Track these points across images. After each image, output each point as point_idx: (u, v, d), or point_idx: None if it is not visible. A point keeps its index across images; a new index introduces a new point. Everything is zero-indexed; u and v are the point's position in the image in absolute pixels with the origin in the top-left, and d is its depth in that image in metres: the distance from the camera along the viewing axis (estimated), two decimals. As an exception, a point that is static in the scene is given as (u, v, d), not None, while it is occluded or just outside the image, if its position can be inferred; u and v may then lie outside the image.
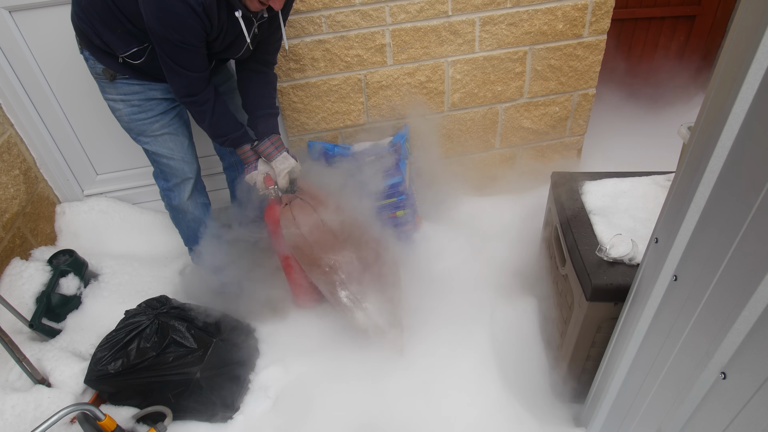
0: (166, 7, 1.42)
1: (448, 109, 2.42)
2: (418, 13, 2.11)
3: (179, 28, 1.47)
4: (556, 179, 1.85)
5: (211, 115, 1.73)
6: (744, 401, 0.82)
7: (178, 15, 1.43)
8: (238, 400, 1.77)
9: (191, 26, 1.47)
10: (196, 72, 1.61)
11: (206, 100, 1.69)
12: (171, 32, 1.47)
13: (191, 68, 1.59)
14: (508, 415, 1.67)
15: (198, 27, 1.48)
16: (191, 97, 1.67)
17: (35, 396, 1.57)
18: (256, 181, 1.88)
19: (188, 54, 1.55)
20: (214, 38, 1.58)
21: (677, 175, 1.04)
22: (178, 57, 1.55)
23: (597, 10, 2.25)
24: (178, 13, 1.43)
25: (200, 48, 1.56)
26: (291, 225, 1.79)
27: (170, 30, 1.47)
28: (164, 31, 1.47)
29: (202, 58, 1.60)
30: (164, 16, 1.44)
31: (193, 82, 1.63)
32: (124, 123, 1.82)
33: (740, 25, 0.81)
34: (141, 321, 1.67)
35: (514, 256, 2.31)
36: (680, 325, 1.03)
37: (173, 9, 1.42)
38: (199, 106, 1.70)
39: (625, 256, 1.41)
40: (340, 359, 1.87)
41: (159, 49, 1.54)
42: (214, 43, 1.60)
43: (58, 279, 1.95)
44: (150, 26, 1.49)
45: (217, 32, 1.55)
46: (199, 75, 1.63)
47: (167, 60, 1.56)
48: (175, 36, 1.48)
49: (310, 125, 2.36)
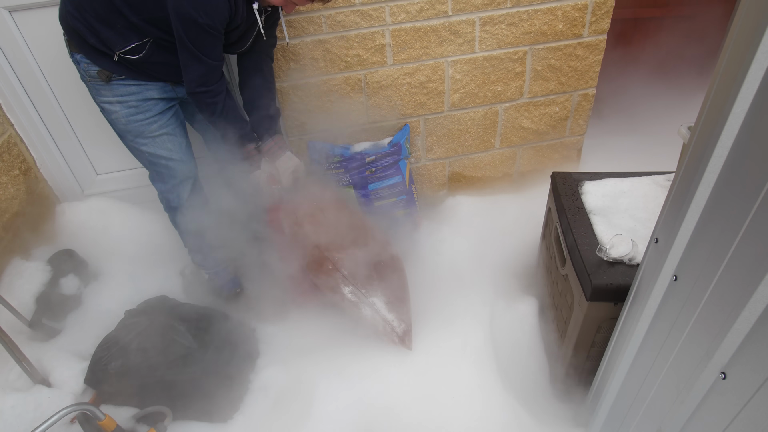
0: None
1: (448, 109, 2.42)
2: (418, 13, 2.11)
3: (211, 11, 1.47)
4: (556, 179, 1.85)
5: (222, 108, 1.73)
6: (744, 401, 0.82)
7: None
8: (238, 400, 1.77)
9: (222, 11, 1.48)
10: (215, 60, 1.62)
11: (220, 92, 1.69)
12: (201, 15, 1.47)
13: (212, 56, 1.59)
14: (508, 415, 1.67)
15: (226, 13, 1.50)
16: (206, 87, 1.66)
17: (35, 396, 1.57)
18: (259, 180, 1.88)
19: (212, 40, 1.56)
20: (234, 28, 1.59)
21: (677, 175, 1.04)
22: (203, 42, 1.55)
23: (597, 10, 2.25)
24: None
25: (221, 36, 1.57)
26: (294, 223, 1.80)
27: (201, 13, 1.47)
28: (194, 14, 1.47)
29: (221, 48, 1.61)
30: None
31: (210, 70, 1.63)
32: (121, 125, 1.78)
33: (740, 25, 0.81)
34: (141, 321, 1.67)
35: (514, 256, 2.31)
36: (680, 325, 1.03)
37: None
38: (212, 97, 1.69)
39: (625, 256, 1.41)
40: (340, 359, 1.87)
41: (184, 34, 1.53)
42: (232, 33, 1.61)
43: (58, 279, 1.95)
44: (179, 9, 1.47)
45: (239, 21, 1.57)
46: (217, 64, 1.63)
47: (189, 46, 1.55)
48: (205, 19, 1.48)
49: (310, 125, 2.36)
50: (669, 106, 3.15)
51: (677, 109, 3.11)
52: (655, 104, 3.21)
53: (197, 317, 1.78)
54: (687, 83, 3.16)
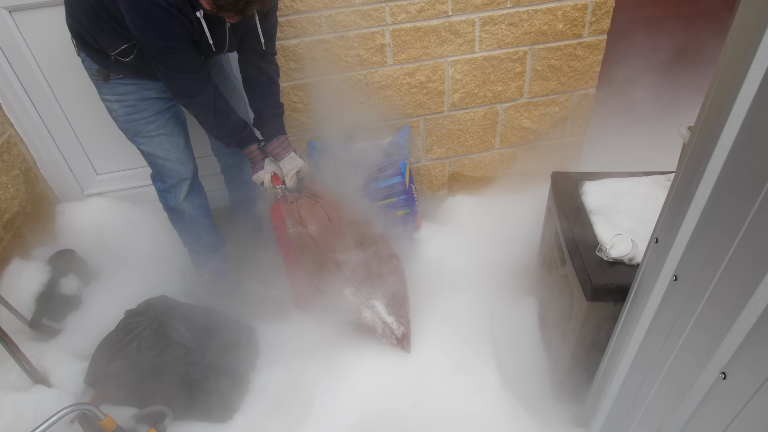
0: (142, 14, 1.39)
1: (448, 109, 2.42)
2: (418, 13, 2.11)
3: (162, 33, 1.44)
4: (556, 179, 1.85)
5: (213, 116, 1.70)
6: (744, 401, 0.82)
7: (155, 20, 1.40)
8: (238, 400, 1.77)
9: (170, 29, 1.43)
10: (190, 73, 1.59)
11: (206, 102, 1.66)
12: (153, 38, 1.45)
13: (183, 71, 1.57)
14: (508, 415, 1.67)
15: (178, 29, 1.45)
16: (189, 99, 1.65)
17: (35, 396, 1.57)
18: (263, 180, 1.87)
19: (176, 57, 1.53)
20: (199, 36, 1.54)
21: (677, 175, 1.04)
22: (167, 61, 1.53)
23: (597, 10, 2.25)
24: (154, 18, 1.39)
25: (187, 50, 1.53)
26: (298, 224, 1.80)
27: (151, 36, 1.44)
28: (146, 38, 1.45)
29: (193, 59, 1.57)
30: (142, 22, 1.41)
31: (189, 84, 1.61)
32: (120, 124, 1.81)
33: (740, 25, 0.81)
34: (141, 321, 1.67)
35: (514, 256, 2.31)
36: (680, 325, 1.03)
37: (149, 14, 1.38)
38: (199, 108, 1.68)
39: (625, 256, 1.41)
40: (340, 359, 1.87)
41: (149, 55, 1.52)
42: (200, 40, 1.57)
43: (58, 279, 1.95)
44: (136, 35, 1.47)
45: (200, 31, 1.52)
46: (194, 76, 1.60)
47: (157, 65, 1.54)
48: (158, 42, 1.46)
49: (310, 125, 2.36)
50: (669, 106, 3.15)
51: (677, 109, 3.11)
52: (655, 104, 3.21)
53: (197, 317, 1.78)
54: (687, 83, 3.16)
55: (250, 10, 1.42)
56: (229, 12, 1.41)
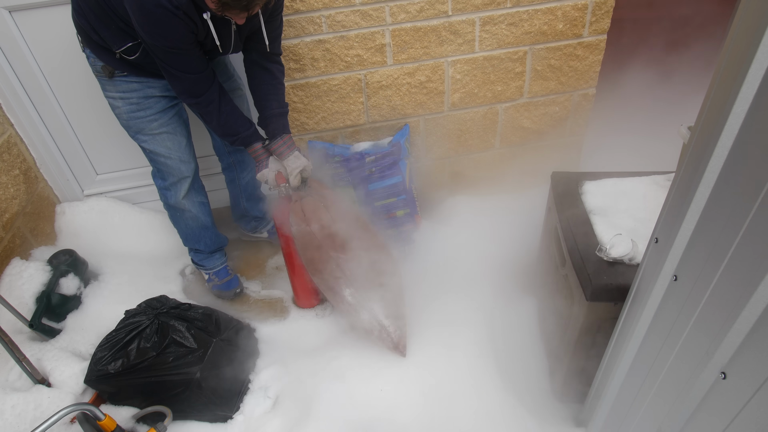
0: (148, 14, 1.40)
1: (448, 109, 2.42)
2: (418, 13, 2.11)
3: (165, 33, 1.45)
4: (556, 179, 1.85)
5: (218, 115, 1.71)
6: (744, 401, 0.82)
7: (160, 21, 1.41)
8: (238, 400, 1.77)
9: (176, 30, 1.45)
10: (195, 73, 1.60)
11: (210, 101, 1.68)
12: (158, 39, 1.46)
13: (188, 70, 1.58)
14: (508, 415, 1.67)
15: (183, 30, 1.46)
16: (194, 98, 1.66)
17: (35, 396, 1.57)
18: (267, 178, 1.87)
19: (181, 58, 1.54)
20: (204, 37, 1.56)
21: (677, 175, 1.04)
22: (172, 61, 1.54)
23: (597, 10, 2.25)
24: (160, 19, 1.40)
25: (192, 50, 1.54)
26: (301, 222, 1.80)
27: (156, 37, 1.45)
28: (151, 39, 1.46)
29: (198, 59, 1.59)
30: (147, 23, 1.43)
31: (194, 83, 1.62)
32: (123, 121, 1.81)
33: (740, 25, 0.81)
34: (141, 321, 1.67)
35: (514, 256, 2.31)
36: (680, 325, 1.03)
37: (154, 16, 1.40)
38: (204, 107, 1.69)
39: (625, 256, 1.41)
40: (341, 359, 1.87)
41: (154, 55, 1.54)
42: (205, 41, 1.58)
43: (58, 279, 1.95)
44: (141, 35, 1.48)
45: (205, 32, 1.53)
46: (199, 76, 1.62)
47: (163, 64, 1.55)
48: (163, 42, 1.47)
49: (310, 125, 2.36)
50: (669, 106, 3.15)
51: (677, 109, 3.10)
52: (655, 104, 3.21)
53: (197, 317, 1.78)
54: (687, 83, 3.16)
55: (255, 7, 1.43)
56: (234, 9, 1.41)
